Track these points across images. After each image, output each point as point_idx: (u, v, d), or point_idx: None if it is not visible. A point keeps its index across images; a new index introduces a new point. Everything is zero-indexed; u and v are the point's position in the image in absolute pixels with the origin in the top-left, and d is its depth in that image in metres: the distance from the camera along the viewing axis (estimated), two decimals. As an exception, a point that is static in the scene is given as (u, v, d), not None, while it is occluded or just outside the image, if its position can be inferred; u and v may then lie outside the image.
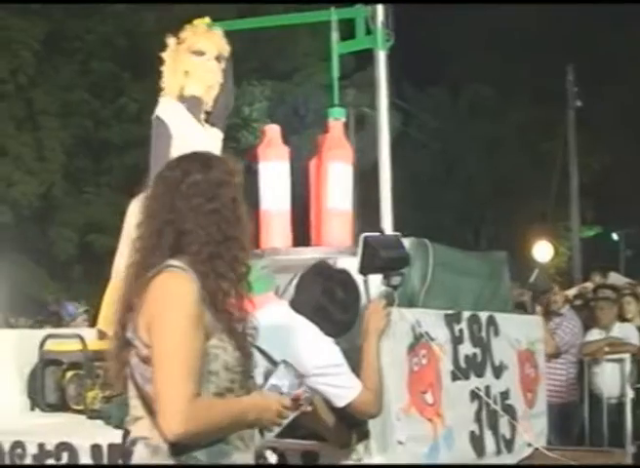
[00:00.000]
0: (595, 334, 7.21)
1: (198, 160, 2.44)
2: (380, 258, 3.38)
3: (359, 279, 3.46)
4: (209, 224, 2.34)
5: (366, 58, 4.92)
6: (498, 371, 4.03)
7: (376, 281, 3.49)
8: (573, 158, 21.51)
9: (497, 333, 4.12)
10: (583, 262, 20.55)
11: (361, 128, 22.88)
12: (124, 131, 15.84)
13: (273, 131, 4.75)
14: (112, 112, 16.23)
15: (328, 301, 3.29)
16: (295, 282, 3.81)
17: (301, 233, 4.79)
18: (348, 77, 24.34)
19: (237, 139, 19.60)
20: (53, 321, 11.76)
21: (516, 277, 9.95)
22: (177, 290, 2.24)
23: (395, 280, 3.43)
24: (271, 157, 4.68)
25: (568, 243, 24.25)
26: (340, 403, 3.13)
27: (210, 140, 4.71)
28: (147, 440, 2.25)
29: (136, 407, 2.31)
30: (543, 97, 25.21)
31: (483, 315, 4.07)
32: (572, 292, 9.58)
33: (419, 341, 3.54)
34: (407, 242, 3.79)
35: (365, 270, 3.41)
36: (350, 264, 3.56)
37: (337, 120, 4.82)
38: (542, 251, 20.55)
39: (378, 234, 3.51)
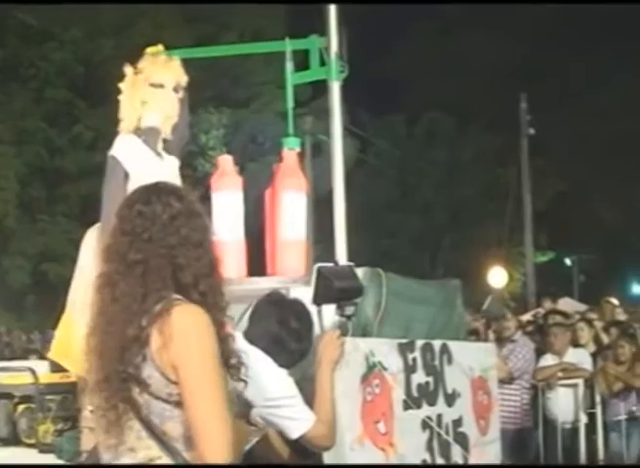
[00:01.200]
0: (549, 360, 7.29)
1: (170, 191, 2.41)
2: (333, 289, 3.40)
3: (313, 309, 3.47)
4: (199, 256, 2.32)
5: (322, 86, 4.97)
6: (450, 399, 4.06)
7: (329, 311, 3.51)
8: (526, 184, 21.81)
9: (450, 361, 4.15)
10: (537, 287, 20.79)
11: (317, 155, 23.04)
12: (79, 159, 15.75)
13: (226, 161, 4.78)
14: (67, 140, 16.14)
15: (282, 331, 3.30)
16: (249, 312, 3.82)
17: (258, 263, 4.81)
18: (305, 104, 24.58)
19: (194, 167, 19.61)
20: (5, 352, 11.58)
21: (471, 303, 10.04)
22: (201, 323, 2.20)
23: (349, 310, 3.45)
24: (224, 187, 4.70)
25: (522, 268, 24.52)
26: (294, 434, 3.13)
27: (167, 172, 4.73)
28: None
29: (150, 447, 2.21)
30: (498, 125, 25.56)
31: (436, 343, 4.10)
32: (525, 317, 9.69)
33: (372, 371, 3.55)
34: (360, 272, 3.82)
35: (319, 300, 3.43)
36: (304, 294, 3.57)
37: (291, 150, 4.86)
38: (497, 276, 20.77)
39: (331, 264, 3.53)
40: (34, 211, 16.08)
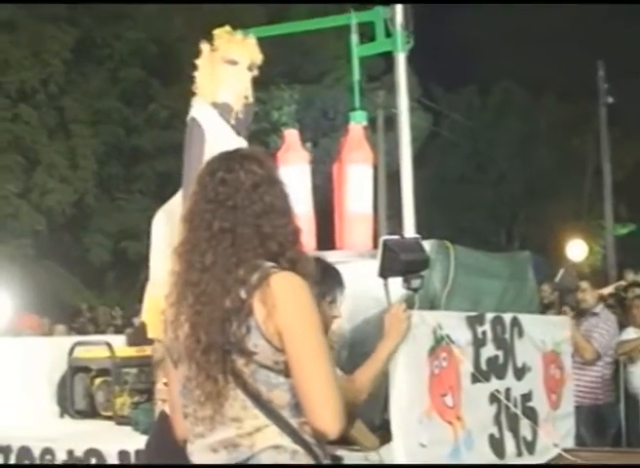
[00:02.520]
0: (631, 333, 7.08)
1: (252, 157, 2.35)
2: (399, 261, 3.36)
3: (379, 281, 3.45)
4: (284, 224, 2.28)
5: (393, 60, 4.88)
6: (520, 373, 3.99)
7: (396, 284, 3.48)
8: (605, 154, 21.24)
9: (520, 335, 4.08)
10: (618, 260, 20.32)
11: (391, 129, 22.90)
12: (155, 137, 15.96)
13: (292, 135, 4.76)
14: (143, 119, 16.35)
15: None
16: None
17: (327, 237, 4.80)
18: (378, 79, 24.44)
19: (266, 144, 19.67)
20: (89, 328, 11.87)
21: (550, 277, 9.83)
22: (301, 289, 2.18)
23: (415, 283, 3.42)
24: (291, 161, 4.68)
25: (602, 241, 24.00)
26: None
27: (239, 146, 4.73)
28: (279, 448, 2.16)
29: (257, 416, 2.16)
30: (574, 94, 25.01)
31: (507, 316, 4.03)
32: (606, 290, 9.43)
33: (439, 344, 3.51)
34: (427, 244, 3.77)
35: (385, 273, 3.40)
36: (370, 267, 3.55)
37: (357, 123, 4.81)
38: (576, 249, 20.34)
39: (397, 237, 3.50)
40: (112, 189, 16.38)
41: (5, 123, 14.34)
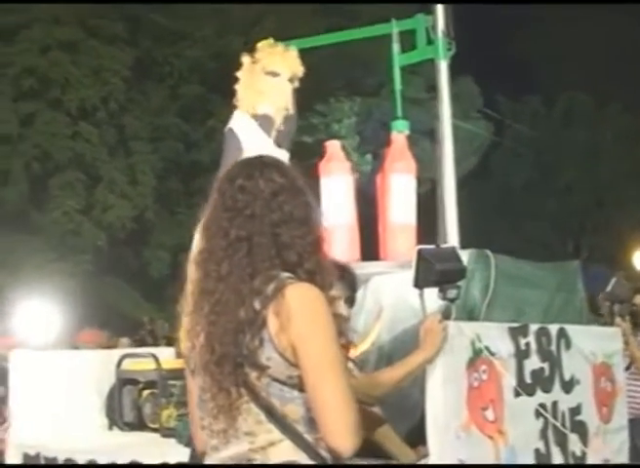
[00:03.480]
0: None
1: (273, 165, 2.31)
2: (434, 271, 3.29)
3: (415, 292, 3.39)
4: (303, 234, 2.23)
5: (455, 68, 4.82)
6: (568, 386, 3.87)
7: (433, 295, 3.41)
8: (673, 163, 20.69)
9: (568, 347, 3.96)
10: (687, 270, 19.75)
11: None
12: (213, 152, 16.07)
13: (333, 146, 4.74)
14: (202, 134, 16.50)
15: None
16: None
17: (373, 247, 4.75)
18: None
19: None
20: (148, 340, 11.99)
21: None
22: (317, 301, 2.13)
23: (451, 293, 3.34)
24: (333, 172, 4.67)
25: (671, 250, 23.36)
26: None
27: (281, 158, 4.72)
28: (294, 463, 2.11)
29: (270, 431, 2.11)
30: (638, 105, 24.50)
31: (553, 328, 3.92)
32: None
33: (478, 356, 3.42)
34: (466, 254, 3.70)
35: (420, 283, 3.34)
36: (411, 278, 3.49)
37: (400, 132, 4.77)
38: (643, 259, 19.85)
39: (432, 246, 3.43)
40: (172, 204, 16.55)
41: (66, 140, 14.63)
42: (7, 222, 14.67)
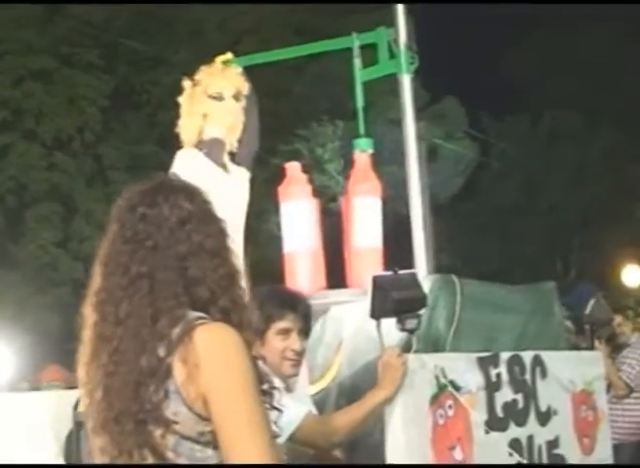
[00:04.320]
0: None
1: (180, 189, 2.05)
2: (391, 300, 3.04)
3: (372, 324, 3.13)
4: (215, 267, 1.98)
5: (440, 89, 4.62)
6: (544, 418, 3.61)
7: (390, 326, 3.15)
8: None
9: (544, 375, 3.70)
10: (677, 286, 19.55)
11: (433, 160, 22.58)
12: (193, 179, 15.87)
13: (294, 168, 4.51)
14: (181, 162, 16.26)
15: None
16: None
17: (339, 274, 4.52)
18: (423, 110, 24.16)
19: (310, 181, 19.41)
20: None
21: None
22: (231, 343, 1.87)
23: (411, 323, 3.08)
24: (293, 196, 4.44)
25: (661, 267, 23.16)
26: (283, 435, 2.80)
27: (234, 184, 4.53)
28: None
29: None
30: (626, 121, 24.45)
31: (527, 355, 3.66)
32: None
33: (443, 390, 3.16)
34: (429, 279, 3.46)
35: (376, 314, 3.08)
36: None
37: (362, 152, 4.53)
38: (632, 275, 19.67)
39: (389, 273, 3.17)
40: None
41: (42, 172, 14.38)
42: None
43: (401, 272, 3.15)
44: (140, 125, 16.02)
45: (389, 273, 3.18)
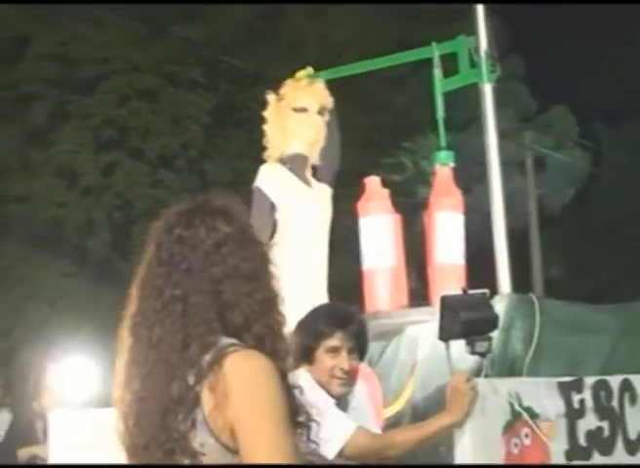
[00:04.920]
0: None
1: (218, 211, 2.00)
2: (459, 321, 2.89)
3: (440, 345, 2.98)
4: (251, 292, 1.92)
5: (550, 97, 4.46)
6: (633, 447, 3.37)
7: (462, 348, 3.00)
8: None
9: (634, 401, 3.47)
10: None
11: (542, 171, 22.03)
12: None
13: (373, 183, 4.40)
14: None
15: None
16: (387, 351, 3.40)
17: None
18: (530, 120, 23.63)
19: (414, 194, 19.27)
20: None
21: None
22: (264, 375, 1.81)
23: (481, 346, 2.93)
24: (372, 211, 4.35)
25: None
26: (329, 454, 2.69)
27: (317, 200, 4.48)
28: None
29: None
30: None
31: (614, 379, 3.43)
32: None
33: (518, 418, 2.98)
34: (505, 300, 3.29)
35: (444, 335, 2.94)
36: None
37: (443, 165, 4.39)
38: None
39: (459, 293, 3.02)
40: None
41: (147, 189, 14.68)
42: (92, 274, 14.76)
43: (471, 292, 3.00)
44: (242, 141, 16.17)
45: (458, 293, 3.03)
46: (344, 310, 3.05)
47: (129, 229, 14.95)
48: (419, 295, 4.47)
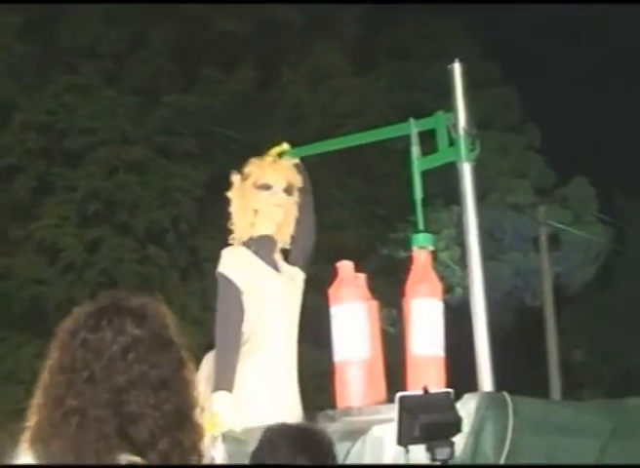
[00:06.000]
0: None
1: (129, 311, 2.01)
2: (418, 425, 2.81)
3: (400, 451, 2.89)
4: (158, 403, 1.91)
5: (569, 169, 4.44)
6: None
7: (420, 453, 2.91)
8: None
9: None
10: None
11: (558, 247, 21.98)
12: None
13: (346, 268, 4.36)
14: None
15: None
16: (350, 453, 3.31)
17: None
18: (549, 192, 23.69)
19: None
20: None
21: None
22: None
23: (442, 452, 2.83)
24: (344, 299, 4.29)
25: None
26: None
27: (287, 286, 4.45)
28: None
29: None
30: None
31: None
32: None
33: None
34: (474, 398, 3.20)
35: (403, 440, 2.85)
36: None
37: (421, 248, 4.36)
38: None
39: (419, 393, 2.95)
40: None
41: (133, 265, 14.68)
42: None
43: (434, 391, 2.92)
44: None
45: (418, 393, 2.96)
46: (305, 433, 2.94)
47: (114, 309, 14.88)
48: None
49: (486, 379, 3.94)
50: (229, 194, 4.55)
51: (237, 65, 16.85)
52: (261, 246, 4.47)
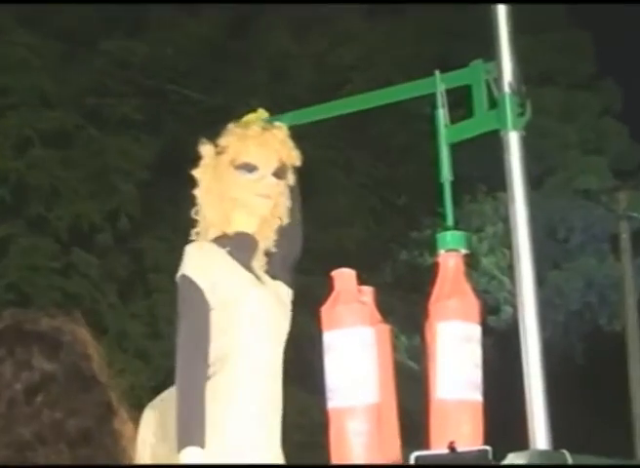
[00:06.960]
0: None
1: (38, 337, 2.10)
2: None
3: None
4: (75, 458, 2.00)
5: None
6: None
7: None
8: None
9: None
10: None
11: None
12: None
13: (345, 278, 4.39)
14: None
15: None
16: None
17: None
18: (633, 176, 23.74)
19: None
20: None
21: None
22: None
23: None
24: (343, 321, 4.33)
25: None
26: None
27: (270, 299, 4.50)
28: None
29: None
30: None
31: None
32: None
33: None
34: (525, 457, 3.27)
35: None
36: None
37: (449, 252, 4.40)
38: None
39: (443, 452, 3.02)
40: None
41: (52, 277, 14.86)
42: None
43: (462, 449, 2.99)
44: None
45: (441, 452, 3.03)
46: None
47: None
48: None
49: (539, 432, 3.97)
50: (196, 172, 4.47)
51: (202, 3, 17.03)
52: (239, 246, 4.44)
